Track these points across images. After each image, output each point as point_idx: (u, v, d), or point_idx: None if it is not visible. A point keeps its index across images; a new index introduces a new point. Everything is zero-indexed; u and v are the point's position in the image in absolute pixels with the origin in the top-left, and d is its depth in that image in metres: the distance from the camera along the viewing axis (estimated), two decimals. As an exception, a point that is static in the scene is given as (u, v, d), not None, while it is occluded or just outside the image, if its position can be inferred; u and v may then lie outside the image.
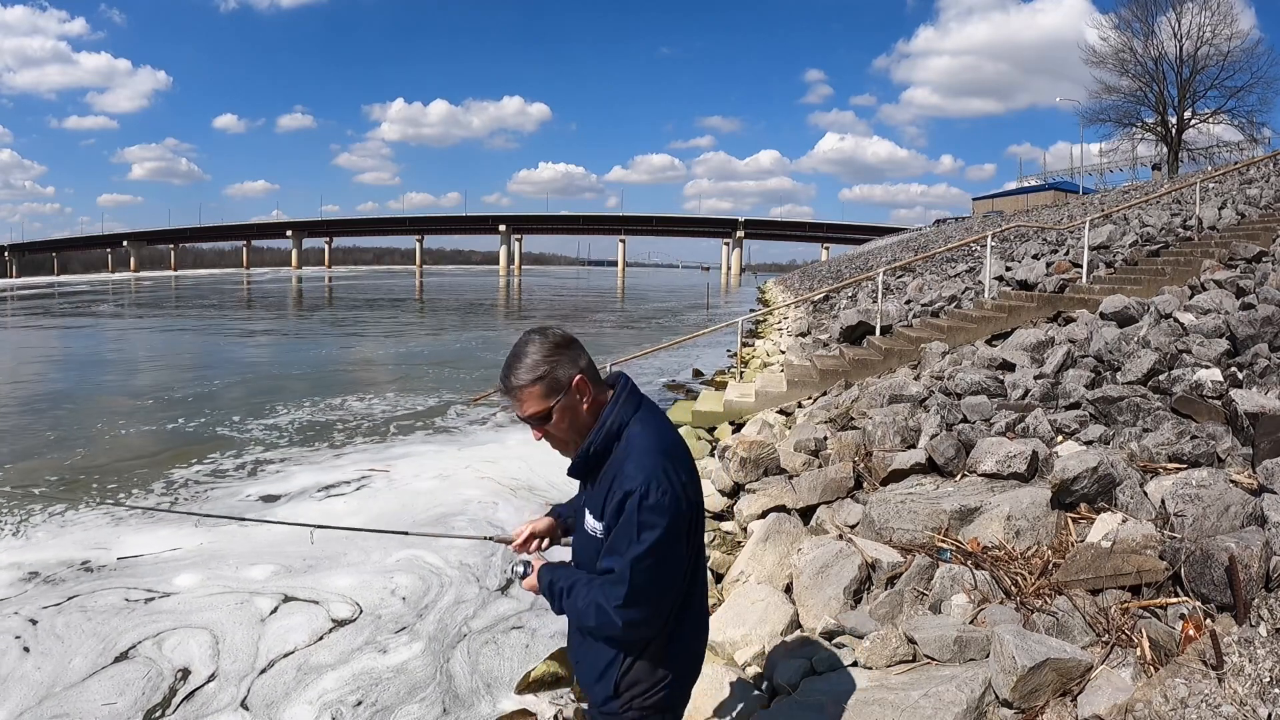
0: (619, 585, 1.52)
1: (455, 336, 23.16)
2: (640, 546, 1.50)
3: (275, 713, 3.46)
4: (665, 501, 1.51)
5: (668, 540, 1.52)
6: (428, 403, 11.66)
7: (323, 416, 10.52)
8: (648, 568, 1.51)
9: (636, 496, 1.50)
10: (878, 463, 4.60)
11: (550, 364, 1.55)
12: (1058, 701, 2.32)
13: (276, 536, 5.41)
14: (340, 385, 13.35)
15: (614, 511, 1.53)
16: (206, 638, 4.12)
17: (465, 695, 3.61)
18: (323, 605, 4.53)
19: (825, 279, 30.40)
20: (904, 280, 15.66)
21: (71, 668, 3.85)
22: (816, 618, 3.24)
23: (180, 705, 3.54)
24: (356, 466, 7.79)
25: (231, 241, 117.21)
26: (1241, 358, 4.77)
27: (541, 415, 1.57)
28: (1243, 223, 9.69)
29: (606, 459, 1.60)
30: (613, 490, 1.54)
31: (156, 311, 34.48)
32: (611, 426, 1.59)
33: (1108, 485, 3.37)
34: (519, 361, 1.56)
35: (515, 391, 1.56)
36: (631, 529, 1.51)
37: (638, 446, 1.56)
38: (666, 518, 1.51)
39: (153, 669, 3.83)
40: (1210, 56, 29.94)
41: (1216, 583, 2.47)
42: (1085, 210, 18.20)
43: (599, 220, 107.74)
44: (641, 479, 1.50)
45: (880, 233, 77.00)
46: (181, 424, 9.99)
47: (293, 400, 11.65)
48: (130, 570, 5.08)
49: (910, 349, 8.17)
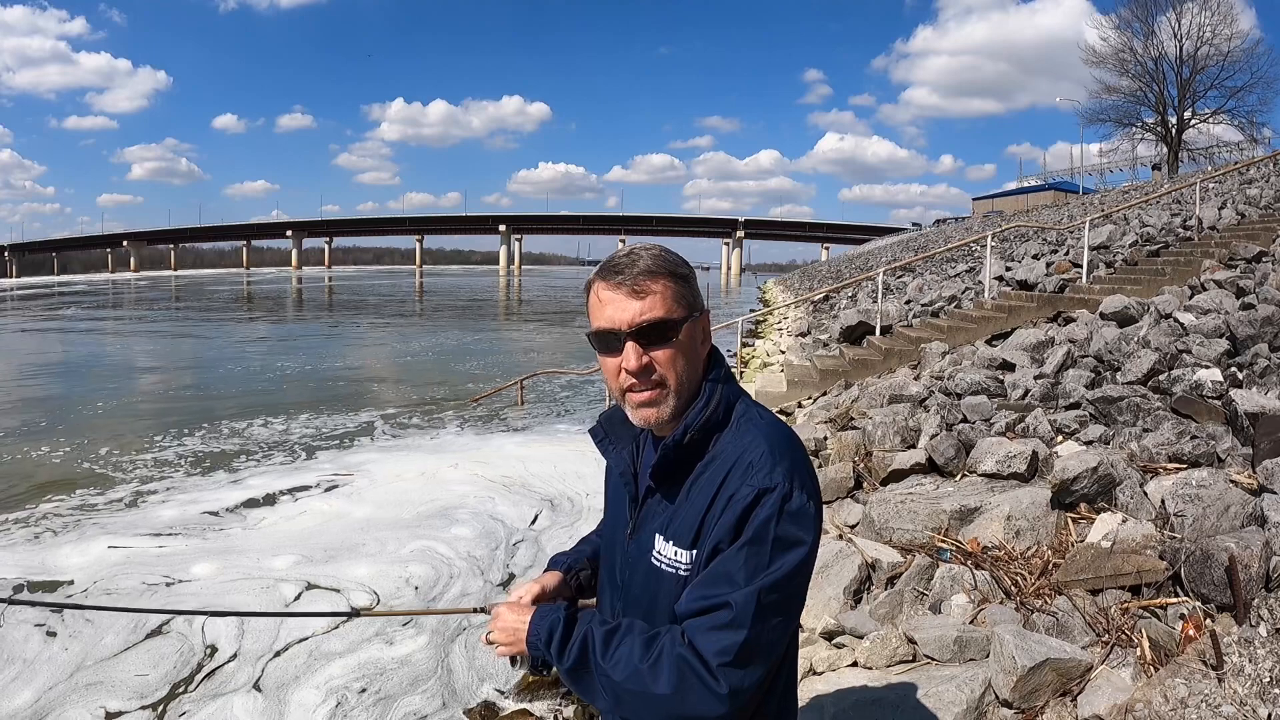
0: (734, 629, 0.99)
1: (456, 337, 23.17)
2: (775, 573, 1.00)
3: (285, 694, 3.61)
4: (812, 510, 1.05)
5: (806, 567, 1.04)
6: (428, 404, 11.66)
7: (317, 423, 10.53)
8: (776, 605, 1.01)
9: (776, 498, 1.01)
10: (878, 463, 4.60)
11: (687, 271, 1.12)
12: (1058, 701, 2.32)
13: (294, 530, 5.72)
14: (341, 388, 13.35)
15: (732, 523, 1.02)
16: (235, 619, 4.36)
17: (461, 690, 3.69)
18: (343, 594, 4.72)
19: (825, 279, 30.41)
20: (904, 280, 15.67)
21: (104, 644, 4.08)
22: (816, 618, 3.24)
23: (202, 682, 3.72)
24: (324, 470, 7.75)
25: (231, 241, 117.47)
26: (1241, 358, 4.77)
27: (667, 324, 1.07)
28: (1243, 223, 9.69)
29: (703, 453, 1.11)
30: (726, 495, 1.04)
31: (124, 314, 34.34)
32: (718, 405, 1.11)
33: (1108, 485, 3.37)
34: (644, 252, 1.10)
35: (639, 279, 1.07)
36: (764, 546, 1.01)
37: (763, 431, 1.09)
38: (813, 534, 1.05)
39: (185, 644, 4.08)
40: (1210, 56, 29.91)
41: (1216, 583, 2.47)
42: (1085, 210, 18.20)
43: (599, 220, 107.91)
44: (782, 474, 1.03)
45: (880, 233, 77.02)
46: (178, 428, 10.00)
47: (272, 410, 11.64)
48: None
49: (910, 349, 8.18)
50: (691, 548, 1.07)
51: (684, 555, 1.07)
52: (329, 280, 74.45)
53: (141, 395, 12.72)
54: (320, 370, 15.48)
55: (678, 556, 1.08)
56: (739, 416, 1.12)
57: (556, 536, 5.67)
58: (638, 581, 1.14)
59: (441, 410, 11.05)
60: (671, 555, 1.09)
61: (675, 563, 1.08)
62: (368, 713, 3.48)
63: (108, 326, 27.82)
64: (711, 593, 1.01)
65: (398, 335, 23.66)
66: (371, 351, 19.29)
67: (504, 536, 5.68)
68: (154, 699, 3.59)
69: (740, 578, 1.00)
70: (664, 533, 1.11)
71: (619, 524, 1.22)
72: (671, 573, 1.08)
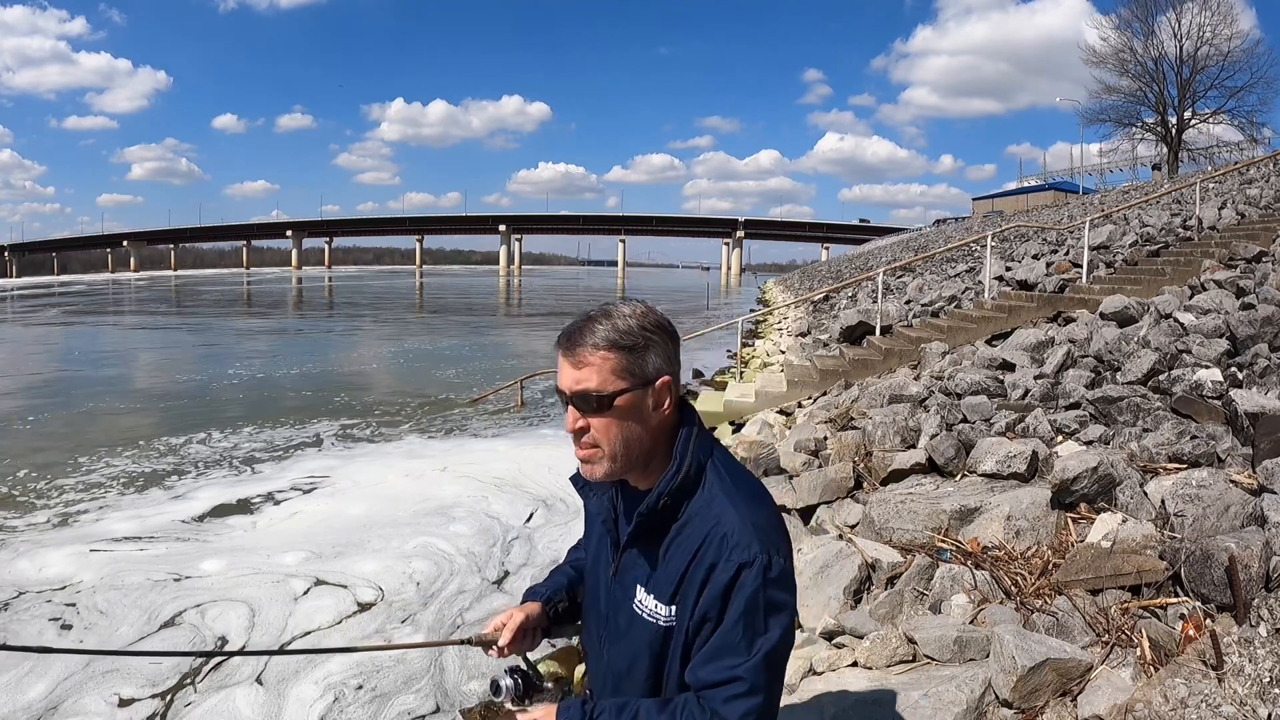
0: (751, 697, 1.09)
1: (457, 339, 23.15)
2: (772, 639, 1.10)
3: (285, 688, 3.69)
4: (789, 569, 1.13)
5: (794, 622, 1.14)
6: (428, 403, 11.66)
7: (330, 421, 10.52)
8: (778, 662, 1.12)
9: (757, 570, 1.09)
10: (878, 463, 4.60)
11: (644, 338, 1.13)
12: (1058, 701, 2.32)
13: (302, 524, 5.89)
14: (340, 390, 13.35)
15: (716, 598, 1.10)
16: (245, 610, 4.52)
17: (452, 690, 3.73)
18: (350, 589, 4.82)
19: (825, 279, 30.41)
20: (904, 280, 15.67)
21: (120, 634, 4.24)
22: (816, 618, 3.24)
23: (209, 674, 3.82)
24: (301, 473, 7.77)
25: (231, 241, 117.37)
26: (1241, 358, 4.77)
27: (600, 397, 1.11)
28: (1243, 223, 9.69)
29: (675, 516, 1.17)
30: (700, 561, 1.12)
31: (106, 316, 34.32)
32: (689, 470, 1.16)
33: (1108, 485, 3.37)
34: (605, 319, 1.13)
35: (580, 350, 1.12)
36: (757, 616, 1.09)
37: (733, 501, 1.15)
38: (794, 595, 1.14)
39: (196, 635, 4.26)
40: (1210, 56, 29.93)
41: (1216, 583, 2.47)
42: (1085, 210, 18.20)
43: (599, 220, 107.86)
44: (759, 545, 1.10)
45: (880, 233, 77.03)
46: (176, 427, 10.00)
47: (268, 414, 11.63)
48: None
49: (910, 349, 8.17)
50: (670, 603, 1.16)
51: (664, 609, 1.17)
52: (329, 280, 74.39)
53: (144, 397, 12.72)
54: (321, 371, 15.49)
55: (658, 609, 1.18)
56: (709, 481, 1.18)
57: (548, 534, 5.71)
58: (622, 621, 1.24)
59: (441, 410, 11.05)
60: (652, 607, 1.18)
61: (656, 614, 1.18)
62: (363, 710, 3.54)
63: (85, 328, 27.56)
64: (722, 665, 1.10)
65: (405, 334, 23.67)
66: (372, 352, 19.28)
67: (500, 534, 5.73)
68: (164, 687, 3.70)
69: (744, 648, 1.09)
70: (645, 585, 1.20)
71: (601, 561, 1.31)
72: (653, 622, 1.18)
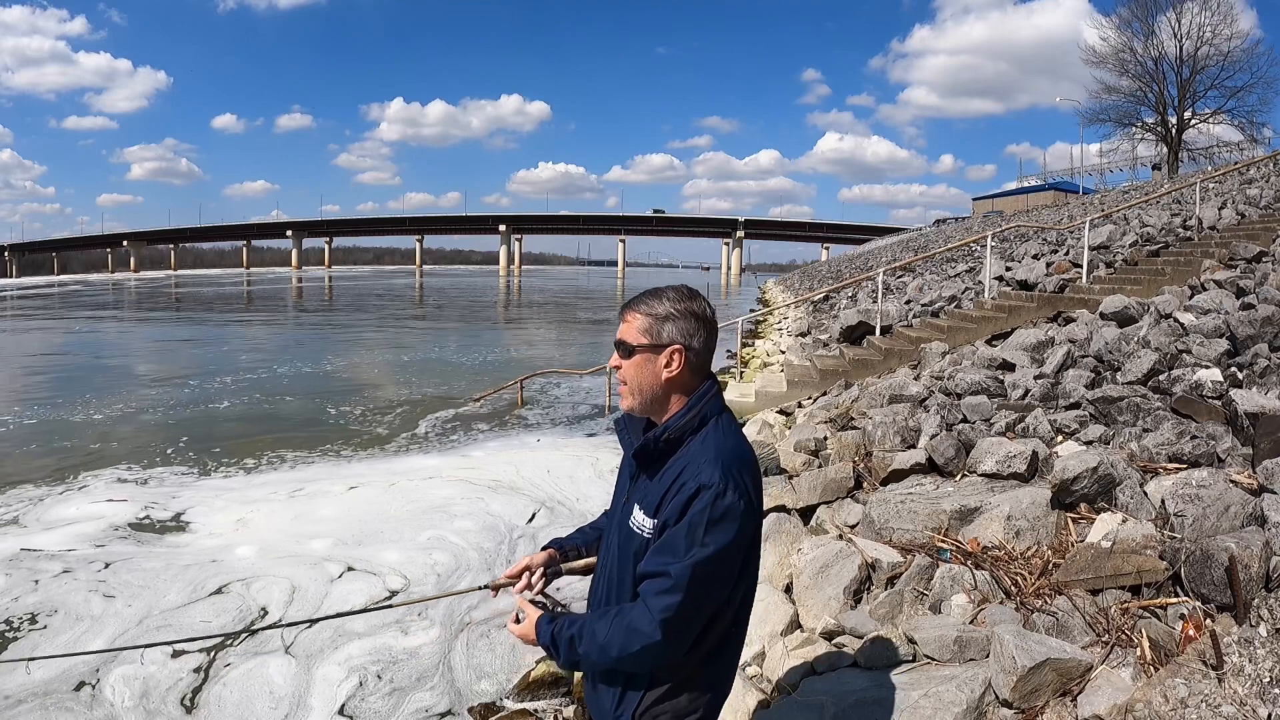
0: (672, 593, 1.35)
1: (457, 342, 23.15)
2: (705, 550, 1.35)
3: (312, 664, 3.89)
4: (740, 505, 1.37)
5: (734, 548, 1.38)
6: (429, 405, 11.66)
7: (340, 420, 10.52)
8: (706, 576, 1.36)
9: (711, 493, 1.35)
10: (878, 463, 4.60)
11: (670, 313, 1.47)
12: (1058, 701, 2.32)
13: (302, 525, 6.02)
14: (339, 390, 13.34)
15: (678, 507, 1.37)
16: (287, 586, 4.83)
17: (463, 688, 3.75)
18: (379, 576, 5.02)
19: (825, 279, 30.40)
20: (904, 280, 15.66)
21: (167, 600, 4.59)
22: (816, 618, 3.24)
23: (246, 639, 4.13)
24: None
25: (231, 241, 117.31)
26: (1241, 358, 4.77)
27: (627, 346, 1.48)
28: (1243, 223, 9.70)
29: (677, 449, 1.45)
30: (680, 483, 1.39)
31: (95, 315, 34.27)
32: (693, 417, 1.46)
33: (1108, 485, 3.37)
34: (652, 295, 1.50)
35: (628, 311, 1.50)
36: (699, 529, 1.35)
37: (717, 443, 1.43)
38: (739, 522, 1.37)
39: (242, 603, 4.59)
40: (1210, 56, 29.92)
41: (1216, 583, 2.47)
42: (1085, 210, 18.21)
43: (599, 220, 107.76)
44: (720, 475, 1.36)
45: (880, 233, 76.99)
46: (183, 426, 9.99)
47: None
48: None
49: (910, 349, 8.18)
50: (653, 517, 1.43)
51: (648, 522, 1.43)
52: (328, 280, 74.40)
53: (150, 399, 12.72)
54: (318, 373, 15.49)
55: (644, 523, 1.44)
56: (708, 430, 1.46)
57: (553, 534, 5.72)
58: (621, 537, 1.51)
59: (442, 410, 11.06)
60: (640, 520, 1.45)
61: (641, 526, 1.45)
62: (383, 701, 3.62)
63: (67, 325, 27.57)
64: (656, 562, 1.38)
65: (405, 334, 23.66)
66: (372, 353, 19.27)
67: (505, 532, 5.78)
68: (210, 644, 4.01)
69: (680, 550, 1.36)
70: (640, 504, 1.47)
71: (619, 495, 1.61)
72: (639, 534, 1.45)
